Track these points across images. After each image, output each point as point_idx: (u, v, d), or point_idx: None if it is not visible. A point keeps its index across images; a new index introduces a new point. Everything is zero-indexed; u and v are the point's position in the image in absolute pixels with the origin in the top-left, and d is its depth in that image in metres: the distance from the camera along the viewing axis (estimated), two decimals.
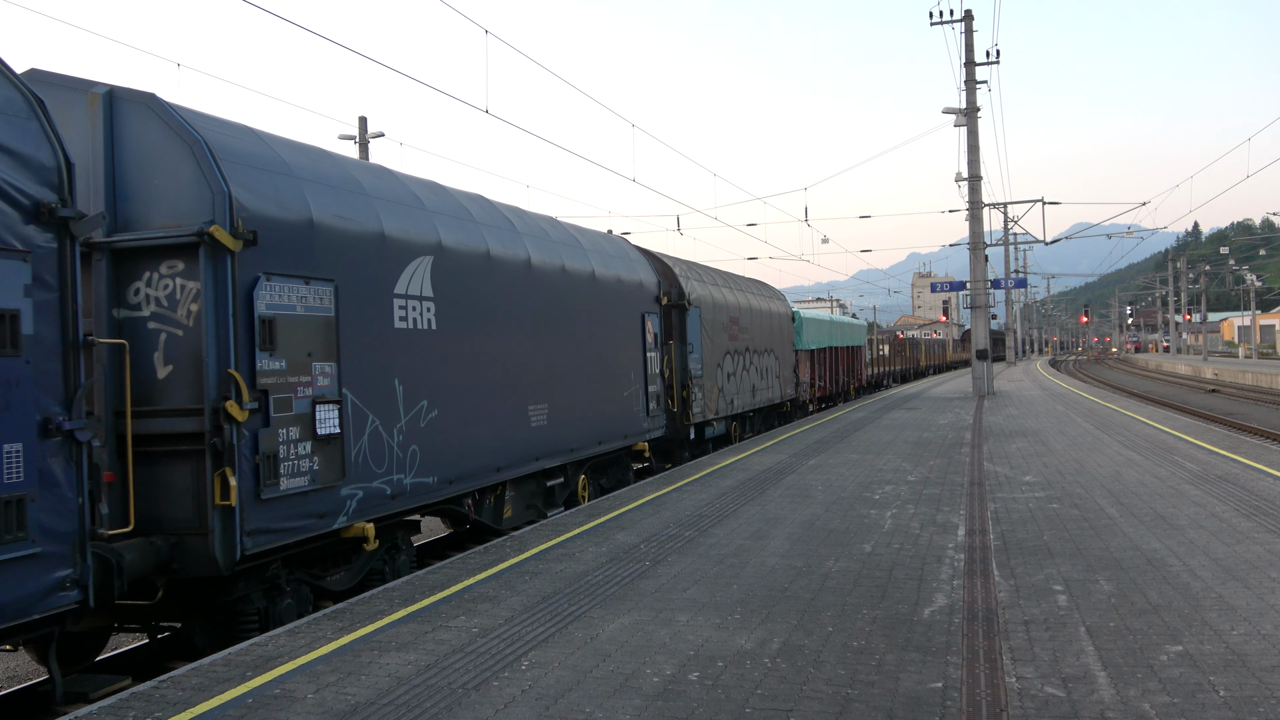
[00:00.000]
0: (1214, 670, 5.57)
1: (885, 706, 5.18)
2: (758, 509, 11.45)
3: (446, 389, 10.06)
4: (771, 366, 24.83)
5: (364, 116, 29.52)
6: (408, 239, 9.62)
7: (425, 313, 9.78)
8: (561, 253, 13.33)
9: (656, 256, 18.28)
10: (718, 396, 19.57)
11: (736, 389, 21.18)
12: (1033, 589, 7.48)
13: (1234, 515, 10.08)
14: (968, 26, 33.20)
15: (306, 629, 7.07)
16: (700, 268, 20.74)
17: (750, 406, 22.45)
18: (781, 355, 26.15)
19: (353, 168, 9.61)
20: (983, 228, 33.61)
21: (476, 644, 6.53)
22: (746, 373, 22.20)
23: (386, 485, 8.99)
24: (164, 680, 6.03)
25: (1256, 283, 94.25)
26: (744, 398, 21.85)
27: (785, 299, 28.10)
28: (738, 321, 21.54)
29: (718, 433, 20.13)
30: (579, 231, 14.99)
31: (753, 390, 22.70)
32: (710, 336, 19.17)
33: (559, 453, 12.76)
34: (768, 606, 7.21)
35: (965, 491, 12.37)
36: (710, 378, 19.08)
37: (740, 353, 21.68)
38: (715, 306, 19.72)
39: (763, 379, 23.81)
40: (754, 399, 22.79)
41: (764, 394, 23.80)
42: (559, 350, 12.84)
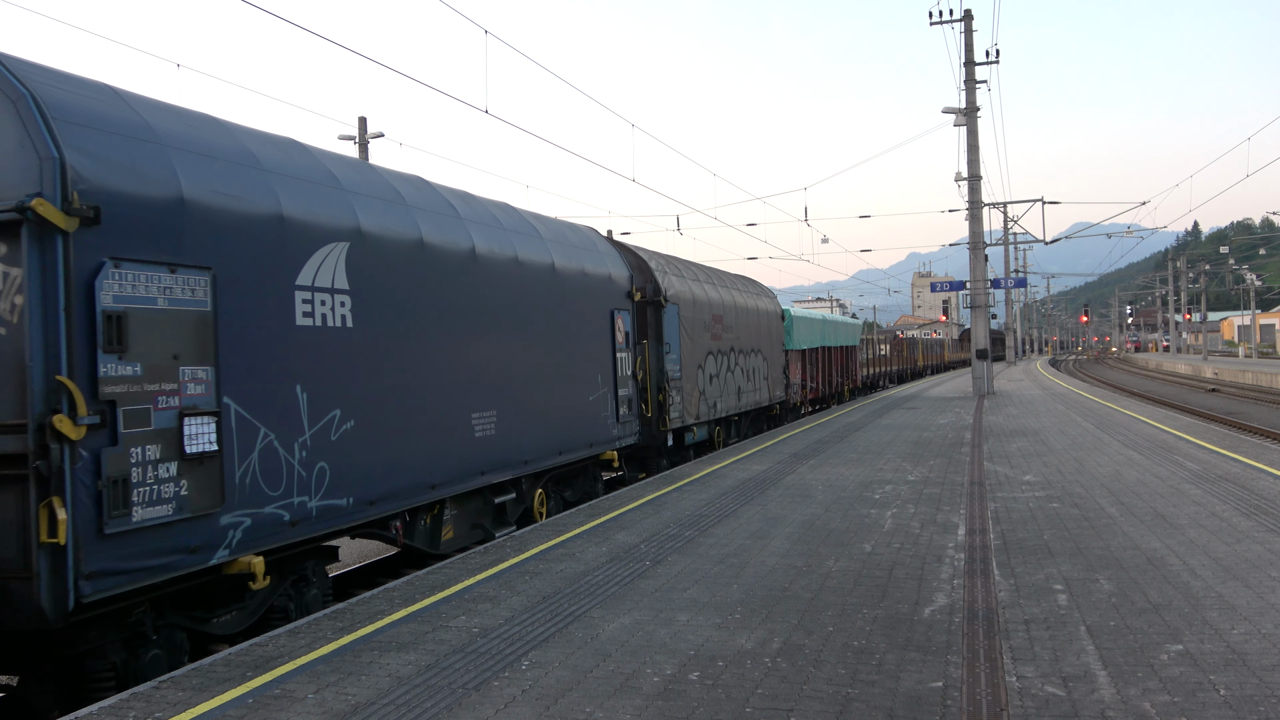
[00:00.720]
0: (1214, 669, 5.57)
1: (886, 706, 5.18)
2: (758, 509, 11.45)
3: (366, 396, 8.71)
4: (759, 367, 23.50)
5: (363, 117, 29.55)
6: (315, 222, 8.24)
7: (338, 308, 8.45)
8: (514, 242, 11.96)
9: (630, 249, 17.15)
10: (699, 400, 18.34)
11: (720, 391, 19.95)
12: (1033, 588, 7.48)
13: (1234, 514, 10.08)
14: (967, 26, 33.21)
15: (307, 629, 7.07)
16: (680, 262, 19.60)
17: (735, 410, 21.21)
18: (770, 355, 24.75)
19: (249, 139, 8.18)
20: (982, 227, 33.61)
21: (477, 644, 6.53)
22: (731, 374, 20.92)
23: (284, 510, 7.63)
24: (164, 681, 6.03)
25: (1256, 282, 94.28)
26: (728, 400, 20.63)
27: (774, 296, 26.67)
28: (721, 320, 20.32)
29: (699, 438, 18.92)
30: (539, 220, 13.61)
31: (738, 392, 21.43)
32: (690, 336, 18.04)
33: (509, 465, 11.38)
34: (768, 606, 7.21)
35: (965, 491, 12.37)
36: (690, 380, 17.88)
37: (724, 353, 20.42)
38: (696, 304, 18.59)
39: (749, 381, 22.46)
40: (740, 402, 21.52)
41: (751, 396, 22.54)
42: (511, 351, 11.50)
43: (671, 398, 16.74)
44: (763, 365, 23.88)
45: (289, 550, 8.07)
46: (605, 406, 14.20)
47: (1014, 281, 42.19)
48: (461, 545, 10.92)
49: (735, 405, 21.17)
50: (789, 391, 26.84)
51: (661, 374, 16.49)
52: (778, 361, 25.66)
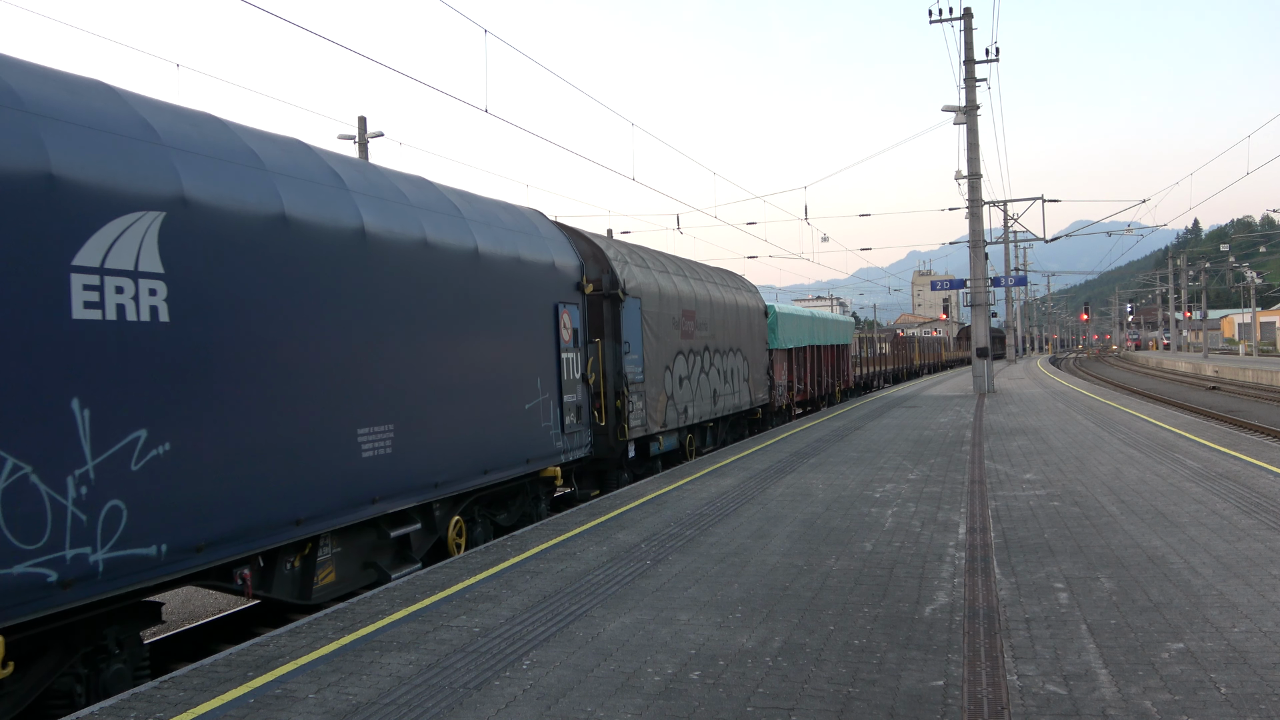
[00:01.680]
0: (1215, 667, 5.57)
1: (887, 705, 5.18)
2: (759, 507, 11.45)
3: (190, 411, 6.88)
4: (739, 368, 21.59)
5: (363, 116, 29.55)
6: (109, 185, 6.40)
7: (147, 297, 6.59)
8: (423, 221, 10.04)
9: (584, 235, 15.33)
10: (666, 405, 16.50)
11: (692, 395, 18.08)
12: (1034, 587, 7.48)
13: (1235, 512, 10.08)
14: (967, 24, 33.20)
15: (308, 629, 7.07)
16: (645, 252, 17.70)
17: (711, 415, 19.37)
18: (752, 355, 22.85)
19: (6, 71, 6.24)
20: (983, 225, 33.61)
21: (478, 643, 6.53)
22: (706, 376, 19.07)
23: (49, 568, 5.81)
24: (165, 680, 6.03)
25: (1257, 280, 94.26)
26: (702, 405, 18.75)
27: (757, 291, 24.77)
28: (694, 316, 18.44)
29: (667, 448, 17.07)
30: (463, 197, 11.66)
31: (714, 396, 19.56)
32: (655, 333, 16.20)
33: (412, 490, 9.47)
34: (769, 605, 7.21)
35: (966, 490, 12.37)
36: (656, 383, 16.06)
37: (697, 353, 18.53)
38: (663, 298, 16.71)
39: (727, 383, 20.58)
40: (716, 406, 19.67)
41: (729, 400, 20.68)
42: (415, 352, 9.60)
43: (632, 404, 14.98)
44: (743, 366, 22.01)
45: (66, 619, 6.27)
46: (546, 415, 12.36)
47: (1014, 280, 42.20)
48: (348, 590, 9.09)
49: (710, 410, 19.38)
50: (774, 394, 25.04)
51: (620, 377, 14.72)
52: (760, 361, 23.80)
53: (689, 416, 17.91)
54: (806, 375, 29.54)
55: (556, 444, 12.68)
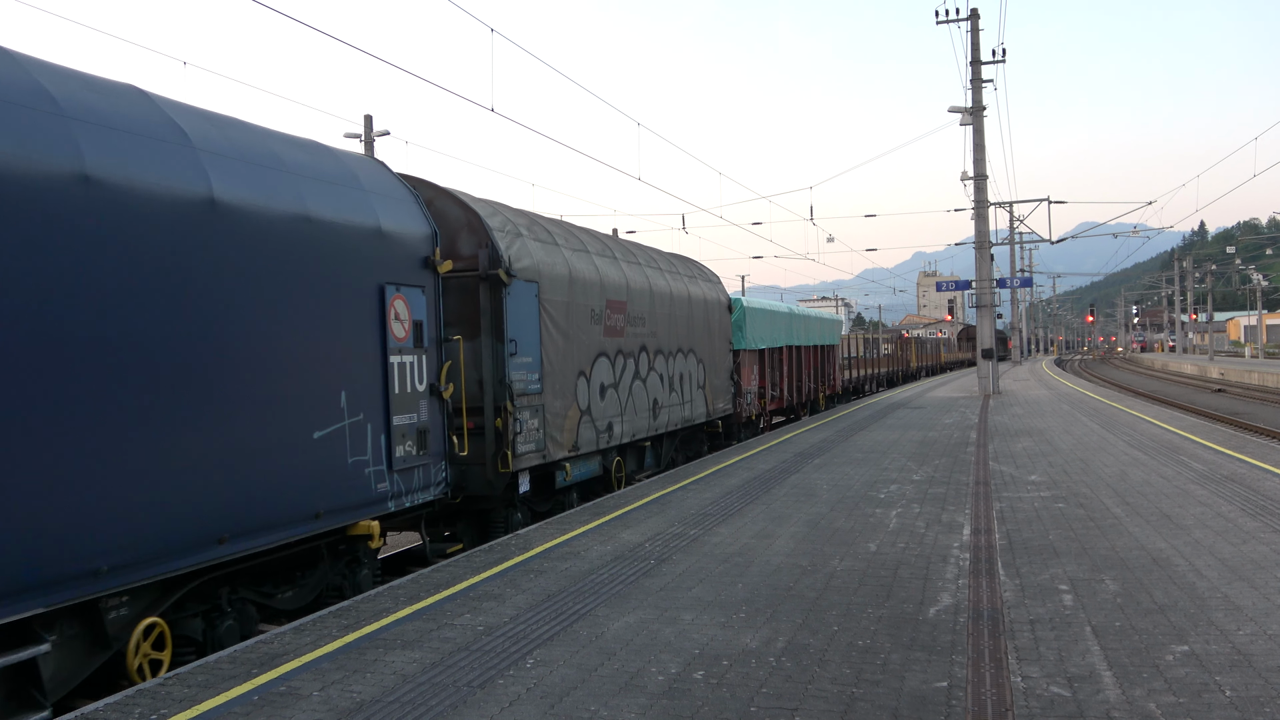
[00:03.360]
0: (1220, 670, 5.56)
1: (890, 706, 5.18)
2: (763, 507, 11.44)
3: None
4: (691, 373, 17.94)
5: (369, 115, 29.60)
6: None
7: None
8: (83, 145, 6.33)
9: (453, 196, 11.47)
10: (579, 422, 13.01)
11: (621, 408, 14.44)
12: (1038, 588, 7.47)
13: (1240, 515, 10.06)
14: (973, 25, 33.16)
15: (312, 626, 7.09)
16: (555, 225, 14.08)
17: (650, 431, 15.74)
18: (710, 357, 19.29)
19: None
20: (988, 227, 33.59)
21: (481, 642, 6.54)
22: (643, 383, 15.45)
23: None
24: (169, 677, 6.05)
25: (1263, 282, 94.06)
26: (636, 420, 15.12)
27: (719, 282, 21.16)
28: (624, 308, 14.80)
29: (582, 476, 13.48)
30: (210, 120, 7.93)
31: (654, 408, 15.84)
32: (563, 329, 12.65)
33: (32, 589, 5.73)
34: (773, 605, 7.21)
35: (970, 491, 12.36)
36: (562, 393, 12.53)
37: (630, 354, 14.96)
38: (575, 284, 13.13)
39: (675, 391, 16.95)
40: (657, 420, 16.01)
41: (677, 412, 17.01)
42: (61, 359, 6.01)
43: (521, 422, 11.36)
44: (697, 370, 18.35)
45: None
46: (358, 446, 8.76)
47: (1020, 281, 42.14)
48: None
49: (649, 425, 15.69)
50: (741, 403, 21.60)
51: (503, 387, 11.06)
52: (722, 364, 20.26)
53: (616, 435, 14.21)
54: (783, 380, 25.86)
55: (377, 487, 9.00)
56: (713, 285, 20.40)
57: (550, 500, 12.94)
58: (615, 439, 14.28)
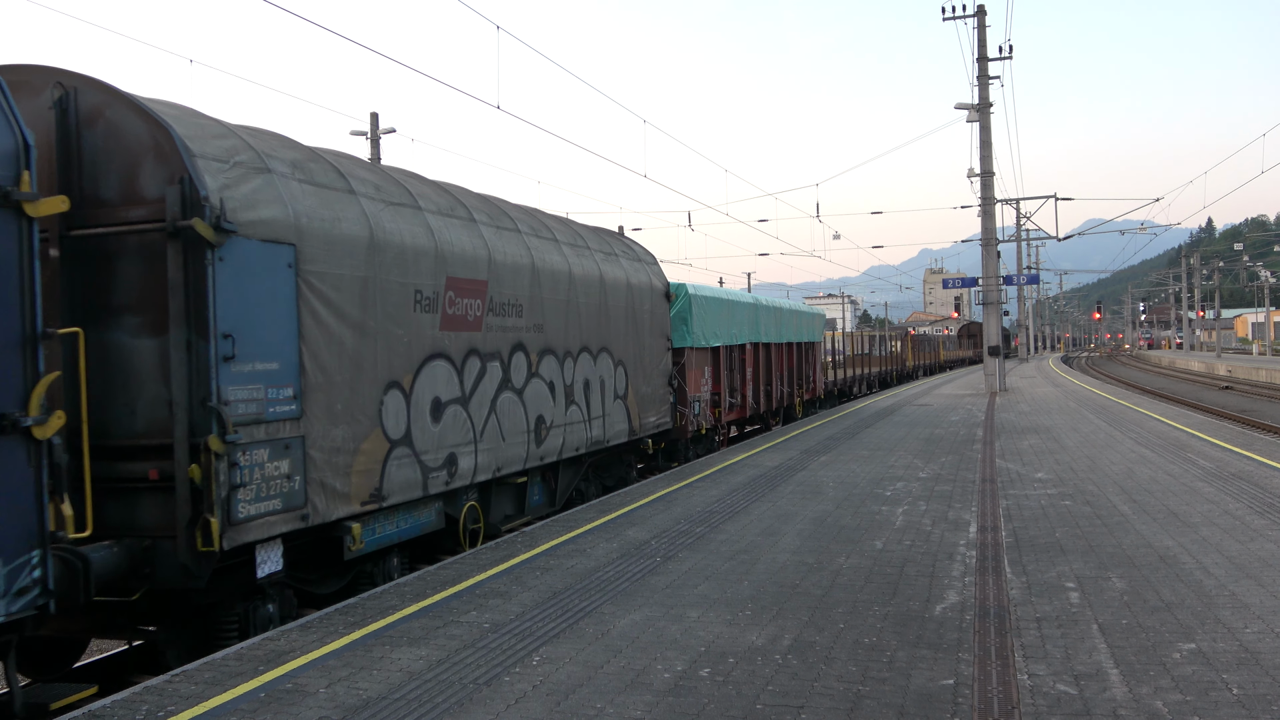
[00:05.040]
0: (1227, 668, 5.55)
1: (897, 704, 5.17)
2: (769, 505, 11.44)
3: None
4: (605, 379, 13.77)
5: (375, 112, 29.60)
6: None
7: None
8: None
9: (115, 94, 7.23)
10: (386, 458, 8.76)
11: (474, 432, 10.20)
12: (1045, 586, 7.46)
13: (1247, 512, 10.04)
14: (980, 22, 33.07)
15: (318, 624, 7.10)
16: (354, 163, 9.58)
17: (529, 462, 11.41)
18: (637, 358, 14.96)
19: None
20: (995, 224, 33.51)
21: (488, 639, 6.55)
22: (517, 396, 11.17)
23: None
24: (177, 674, 6.06)
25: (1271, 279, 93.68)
26: (506, 447, 10.82)
27: (655, 263, 16.91)
28: (483, 291, 10.46)
29: (408, 532, 9.41)
30: None
31: (536, 429, 11.59)
32: (351, 318, 8.46)
33: None
34: (779, 603, 7.21)
35: (977, 488, 12.35)
36: (348, 416, 8.32)
37: (494, 356, 10.68)
38: (379, 250, 8.85)
39: (574, 404, 12.70)
40: (542, 445, 11.74)
41: (576, 433, 12.79)
42: None
43: (249, 468, 7.25)
44: (614, 375, 14.12)
45: None
46: None
47: (1027, 278, 42.06)
48: None
49: (527, 454, 11.37)
50: (685, 413, 17.40)
51: (206, 411, 6.98)
52: (655, 367, 15.83)
53: (464, 471, 10.00)
54: (746, 384, 21.70)
55: None
56: (643, 267, 16.04)
57: (344, 575, 8.85)
58: (463, 477, 10.00)
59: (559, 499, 12.98)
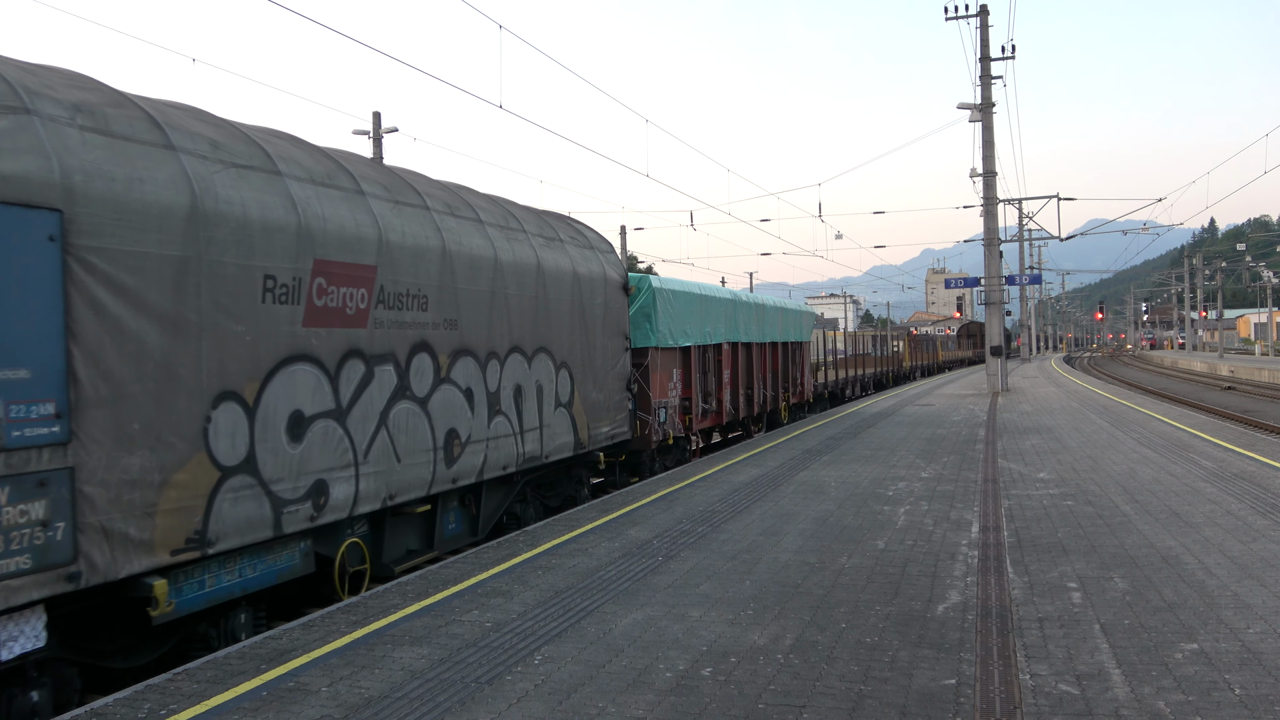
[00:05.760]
0: (1229, 668, 5.54)
1: (899, 703, 5.17)
2: (771, 505, 11.44)
3: None
4: (543, 384, 11.75)
5: (378, 111, 29.62)
6: None
7: None
8: None
9: None
10: (214, 490, 6.86)
11: (354, 453, 8.32)
12: (1047, 586, 7.46)
13: (1250, 513, 10.03)
14: (983, 22, 33.06)
15: (320, 622, 7.10)
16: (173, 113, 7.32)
17: (436, 485, 9.53)
18: (584, 359, 12.97)
19: None
20: (997, 223, 33.50)
21: (489, 638, 6.55)
22: (418, 406, 9.25)
23: None
24: (179, 673, 6.07)
25: (1273, 279, 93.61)
26: (402, 469, 8.98)
27: (612, 251, 14.78)
28: (370, 278, 8.57)
29: (258, 582, 7.65)
30: None
31: (448, 446, 9.70)
32: (159, 311, 6.51)
33: None
34: (781, 602, 7.21)
35: (979, 488, 12.34)
36: (149, 438, 6.35)
37: (386, 357, 8.80)
38: (208, 223, 6.91)
39: (500, 415, 10.67)
40: (455, 465, 9.84)
41: (504, 448, 10.76)
42: None
43: None
44: (554, 379, 12.07)
45: None
46: None
47: (1029, 278, 42.04)
48: None
49: (433, 475, 9.47)
50: (650, 422, 15.59)
51: None
52: (609, 369, 13.82)
53: (339, 502, 8.09)
54: (723, 388, 19.75)
55: None
56: (595, 255, 13.88)
57: (161, 642, 7.05)
58: (338, 509, 8.05)
59: (483, 527, 10.93)
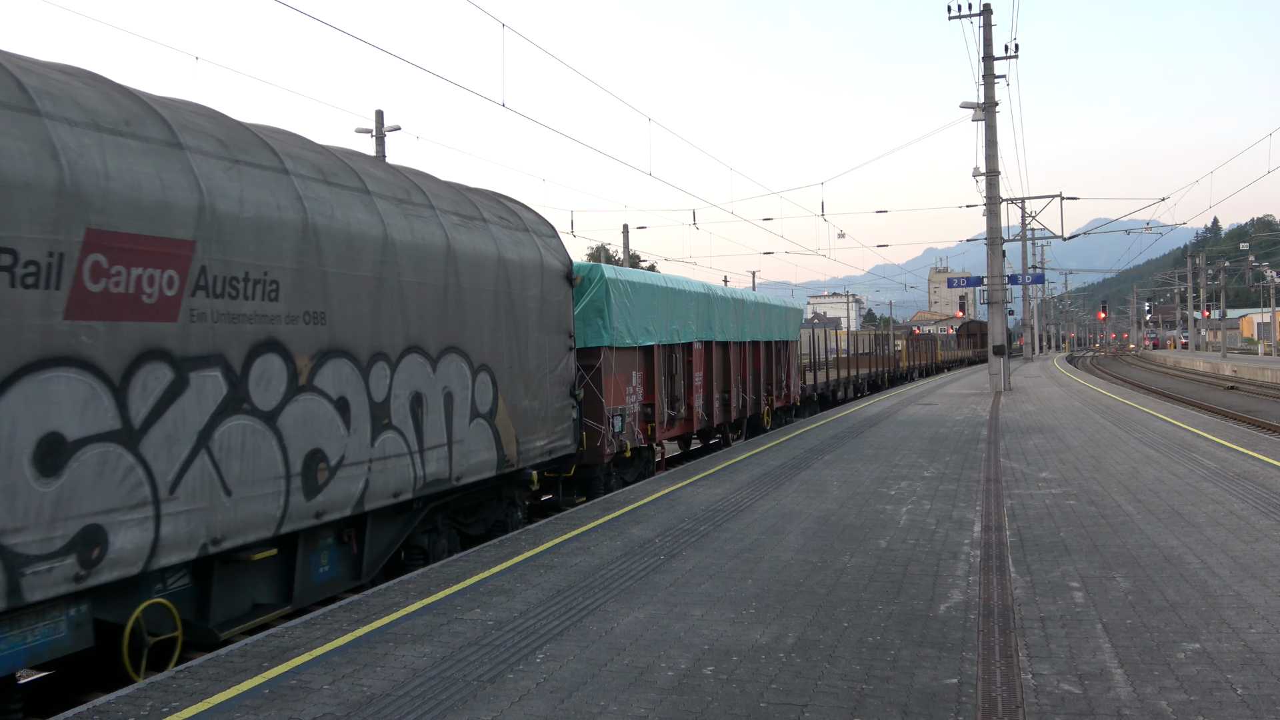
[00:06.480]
0: (1232, 668, 5.54)
1: (900, 702, 5.17)
2: (773, 503, 11.43)
3: None
4: (454, 391, 9.81)
5: (380, 110, 29.62)
6: None
7: None
8: None
9: None
10: None
11: (140, 485, 6.24)
12: (1049, 586, 7.45)
13: (1252, 513, 10.02)
14: (986, 21, 33.02)
15: (323, 620, 7.11)
16: None
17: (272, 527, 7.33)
18: (511, 361, 10.88)
19: None
20: (1000, 223, 33.47)
21: (491, 636, 6.55)
22: (264, 424, 7.26)
23: None
24: (181, 670, 6.07)
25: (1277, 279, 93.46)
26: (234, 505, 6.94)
27: (553, 235, 12.60)
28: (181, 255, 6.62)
29: None
30: None
31: (304, 472, 7.65)
32: None
33: None
34: (783, 601, 7.20)
35: (981, 488, 12.33)
36: None
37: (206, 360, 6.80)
38: None
39: (391, 431, 8.80)
40: (319, 496, 7.83)
41: (395, 471, 8.81)
42: None
43: None
44: (473, 385, 10.13)
45: None
46: None
47: (1031, 277, 42.01)
48: None
49: (291, 509, 7.53)
50: (601, 434, 13.63)
51: None
52: (545, 372, 11.69)
53: (126, 554, 6.16)
54: (694, 392, 17.65)
55: None
56: (529, 239, 11.75)
57: None
58: (124, 563, 6.17)
59: (368, 569, 8.89)
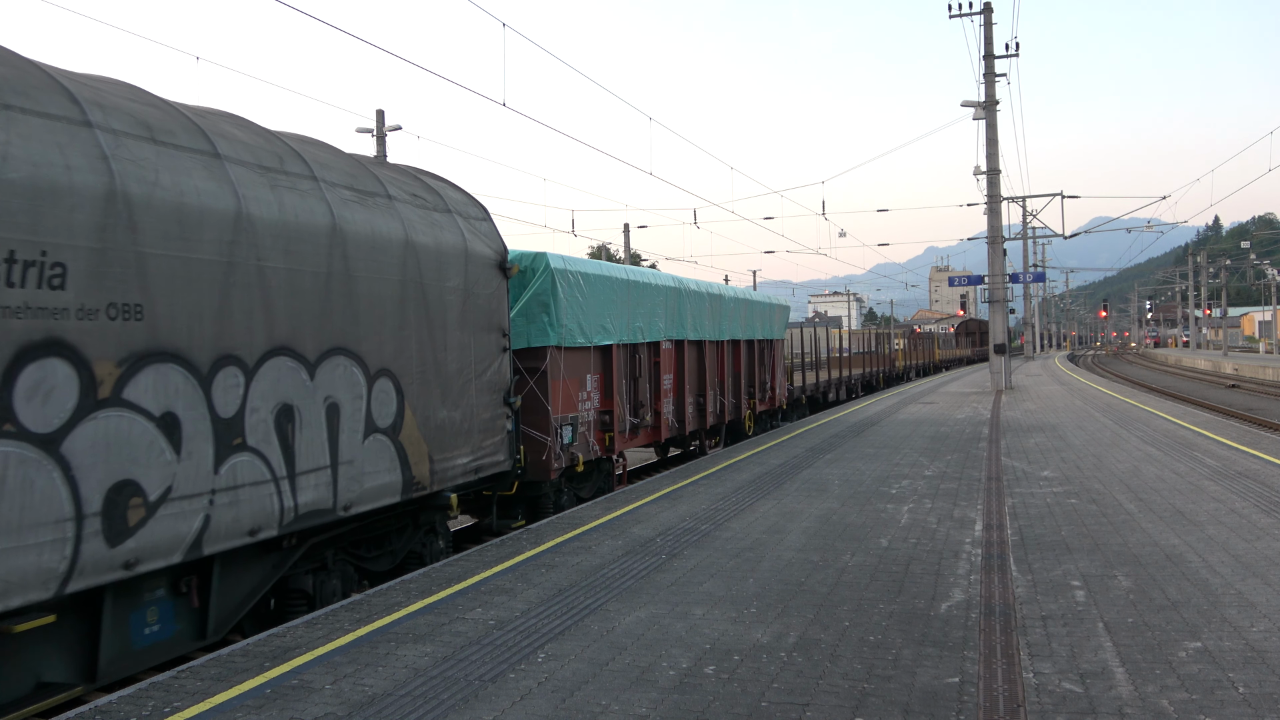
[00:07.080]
0: (1233, 667, 5.53)
1: (902, 701, 5.17)
2: (774, 503, 11.43)
3: None
4: (341, 401, 7.93)
5: (381, 110, 29.63)
6: None
7: None
8: None
9: None
10: None
11: None
12: (1050, 584, 7.45)
13: (1254, 511, 10.01)
14: (987, 19, 32.99)
15: (324, 620, 7.11)
16: None
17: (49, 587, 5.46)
18: (427, 364, 9.20)
19: None
20: (1001, 221, 33.45)
21: (493, 636, 6.55)
22: (33, 450, 5.40)
23: None
24: (182, 670, 6.08)
25: (1277, 277, 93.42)
26: None
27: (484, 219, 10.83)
28: None
29: None
30: None
31: (104, 511, 5.77)
32: None
33: None
34: (784, 600, 7.21)
35: (983, 486, 12.33)
36: None
37: None
38: None
39: (241, 452, 6.88)
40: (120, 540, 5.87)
41: (245, 504, 6.89)
42: None
43: None
44: (369, 394, 8.34)
45: None
46: None
47: (1032, 276, 41.99)
48: None
49: (85, 561, 5.67)
50: (548, 446, 12.13)
51: None
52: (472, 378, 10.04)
53: None
54: (662, 397, 16.06)
55: None
56: (451, 220, 10.06)
57: None
58: None
59: (219, 624, 7.18)
